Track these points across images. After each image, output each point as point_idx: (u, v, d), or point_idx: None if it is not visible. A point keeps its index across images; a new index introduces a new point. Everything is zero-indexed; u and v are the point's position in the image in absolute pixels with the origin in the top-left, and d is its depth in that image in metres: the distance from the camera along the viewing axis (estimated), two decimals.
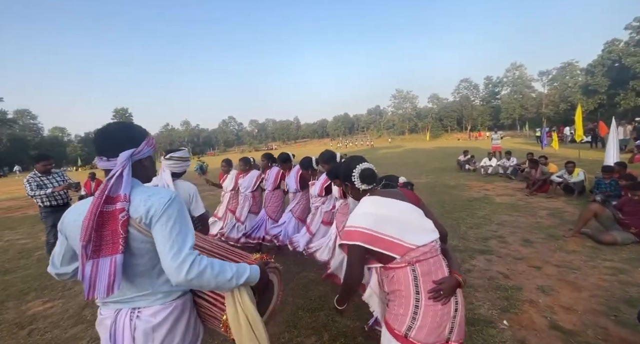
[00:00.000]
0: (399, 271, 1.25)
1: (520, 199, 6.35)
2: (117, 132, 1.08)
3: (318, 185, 3.43)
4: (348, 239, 1.29)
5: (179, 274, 0.95)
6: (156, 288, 1.07)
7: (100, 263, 0.96)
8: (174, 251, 0.97)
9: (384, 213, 1.30)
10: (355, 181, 1.45)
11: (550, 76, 54.05)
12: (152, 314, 1.06)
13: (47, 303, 3.11)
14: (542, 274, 3.06)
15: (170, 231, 0.99)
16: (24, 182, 3.56)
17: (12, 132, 55.17)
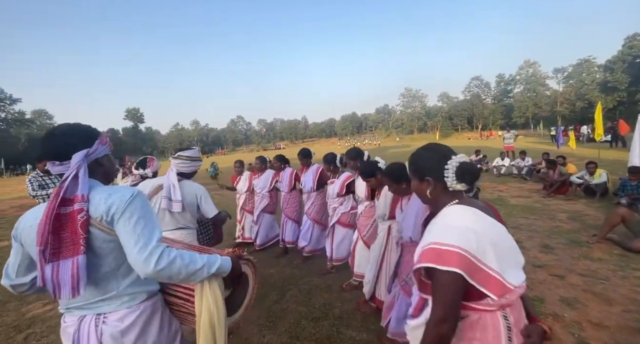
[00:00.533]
0: (488, 316, 0.92)
1: (537, 201, 6.05)
2: (68, 134, 1.04)
3: (338, 183, 3.23)
4: (441, 263, 0.88)
5: (147, 266, 0.95)
6: (121, 290, 1.05)
7: (60, 265, 0.94)
8: (140, 245, 0.97)
9: (484, 233, 0.92)
10: (448, 176, 1.01)
11: (565, 73, 52.45)
12: (119, 319, 1.04)
13: (47, 305, 3.05)
14: (566, 284, 2.83)
15: (134, 226, 0.98)
16: (27, 182, 3.54)
17: (29, 132, 56.89)
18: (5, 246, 5.45)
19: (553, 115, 50.65)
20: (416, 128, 67.14)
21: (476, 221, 0.95)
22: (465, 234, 0.90)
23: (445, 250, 0.88)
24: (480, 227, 0.93)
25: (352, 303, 2.76)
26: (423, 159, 1.10)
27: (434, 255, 0.90)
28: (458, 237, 0.90)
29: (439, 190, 1.05)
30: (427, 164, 1.08)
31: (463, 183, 1.01)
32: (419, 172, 1.10)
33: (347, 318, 2.54)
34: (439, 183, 1.04)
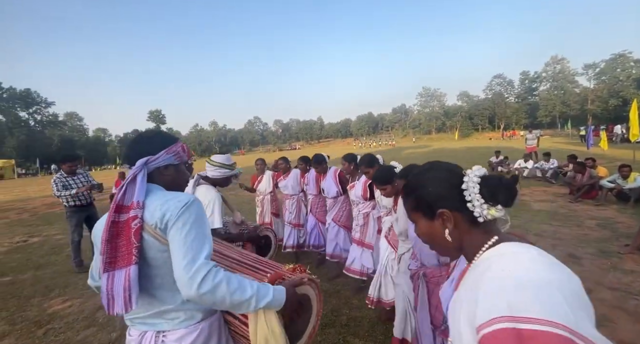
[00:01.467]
0: None
1: (562, 206, 5.70)
2: (137, 141, 1.09)
3: (360, 186, 2.95)
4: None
5: (190, 287, 0.86)
6: (178, 305, 0.98)
7: (115, 276, 0.90)
8: (187, 259, 0.88)
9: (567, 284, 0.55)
10: (473, 200, 0.67)
11: (597, 69, 49.44)
12: (177, 339, 0.98)
13: (67, 301, 3.19)
14: (593, 299, 2.56)
15: (185, 236, 0.90)
16: (51, 183, 3.73)
17: (62, 133, 60.55)
18: (36, 241, 5.78)
19: (583, 114, 47.88)
20: (434, 128, 65.53)
21: (549, 265, 0.57)
22: (550, 294, 0.51)
23: (533, 331, 0.47)
24: (559, 276, 0.55)
25: (360, 310, 2.69)
26: (426, 184, 0.73)
27: (515, 339, 0.48)
28: (542, 302, 0.50)
29: (464, 226, 0.69)
30: (435, 190, 0.72)
31: (498, 205, 0.67)
32: (425, 207, 0.73)
33: (355, 326, 2.48)
34: (461, 215, 0.69)
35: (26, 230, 6.82)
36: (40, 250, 5.16)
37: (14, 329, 2.71)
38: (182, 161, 1.14)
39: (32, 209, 9.71)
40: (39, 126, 55.94)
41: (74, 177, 3.85)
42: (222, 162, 2.06)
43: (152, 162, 1.04)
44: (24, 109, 53.46)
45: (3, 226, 7.42)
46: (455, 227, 0.70)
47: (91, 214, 4.14)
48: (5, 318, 2.91)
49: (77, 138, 64.03)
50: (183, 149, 1.13)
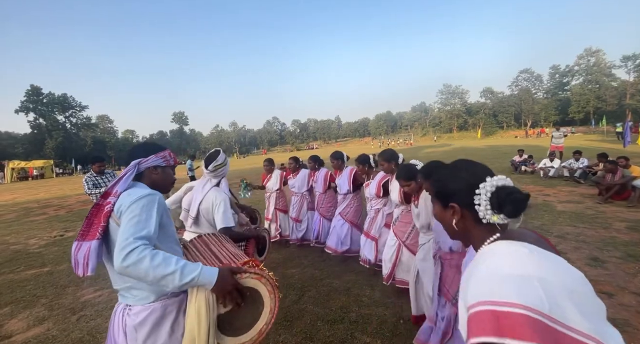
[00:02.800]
0: None
1: (589, 208, 5.40)
2: (136, 147, 1.33)
3: (374, 185, 3.16)
4: (507, 335, 0.56)
5: (117, 260, 1.00)
6: (135, 283, 1.15)
7: (82, 246, 1.12)
8: (122, 238, 1.03)
9: (557, 280, 0.63)
10: (480, 204, 0.77)
11: (638, 61, 45.76)
12: (135, 313, 1.15)
13: (98, 291, 3.46)
14: (615, 304, 2.50)
15: (127, 222, 1.07)
16: (83, 182, 4.06)
17: (94, 135, 64.47)
18: (72, 236, 6.25)
19: (621, 109, 44.55)
20: (455, 126, 63.47)
21: (537, 262, 0.66)
22: (529, 284, 0.61)
23: (507, 312, 0.58)
24: (545, 271, 0.64)
25: (369, 307, 2.73)
26: (448, 178, 0.86)
27: (492, 322, 0.59)
28: (519, 290, 0.60)
29: (469, 222, 0.81)
30: (453, 186, 0.84)
31: (502, 215, 0.75)
32: (442, 196, 0.87)
33: (363, 322, 2.52)
34: (469, 213, 0.80)
35: (63, 225, 7.39)
36: None
37: (51, 315, 2.99)
38: (169, 164, 1.37)
39: (68, 206, 10.46)
40: (74, 129, 59.79)
41: (102, 176, 4.17)
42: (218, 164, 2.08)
43: (143, 163, 1.28)
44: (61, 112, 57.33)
45: (43, 222, 8.08)
46: (461, 219, 0.82)
47: None
48: (45, 304, 3.21)
49: (108, 139, 67.92)
50: (170, 155, 1.37)
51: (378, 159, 2.96)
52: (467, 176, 0.82)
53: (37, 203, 11.76)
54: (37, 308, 3.14)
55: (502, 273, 0.65)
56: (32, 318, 2.96)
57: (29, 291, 3.57)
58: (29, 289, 3.62)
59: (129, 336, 1.15)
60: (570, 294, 0.62)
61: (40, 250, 5.33)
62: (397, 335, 2.33)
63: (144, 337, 1.14)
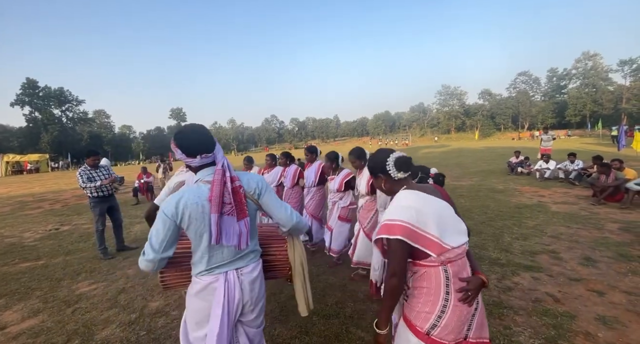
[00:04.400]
0: (431, 270, 1.21)
1: (583, 209, 5.46)
2: (208, 133, 1.34)
3: (338, 180, 3.46)
4: (389, 233, 1.19)
5: (291, 220, 1.46)
6: (251, 247, 1.41)
7: (240, 224, 1.29)
8: (284, 208, 1.46)
9: (424, 209, 1.21)
10: (390, 169, 1.33)
11: (634, 66, 46.20)
12: (250, 271, 1.40)
13: (93, 284, 3.46)
14: (605, 302, 2.55)
15: (276, 198, 1.46)
16: (77, 175, 4.02)
17: (91, 129, 63.95)
18: (67, 229, 6.23)
19: (616, 113, 44.87)
20: (453, 127, 63.73)
21: (417, 200, 1.25)
22: (408, 210, 1.21)
23: (392, 224, 1.20)
24: (421, 204, 1.23)
25: (364, 303, 2.76)
26: (373, 161, 1.44)
27: (385, 228, 1.21)
28: (401, 213, 1.21)
29: (390, 182, 1.38)
30: (376, 165, 1.40)
31: (401, 172, 1.33)
32: (373, 172, 1.44)
33: (358, 317, 2.55)
34: (388, 177, 1.36)
35: (58, 219, 7.34)
36: (70, 237, 5.56)
37: (46, 307, 2.98)
38: None
39: (64, 200, 10.39)
40: (70, 123, 59.27)
41: (96, 170, 4.13)
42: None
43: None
44: (57, 106, 56.80)
45: (38, 215, 8.02)
46: (385, 182, 1.40)
47: (113, 204, 4.43)
48: (39, 297, 3.20)
49: (105, 134, 67.38)
50: None
51: (349, 157, 3.14)
52: (379, 157, 1.39)
53: (32, 197, 11.66)
54: (31, 300, 3.13)
55: (396, 205, 1.27)
56: (26, 310, 2.95)
57: (24, 284, 3.55)
58: (24, 282, 3.61)
59: (245, 292, 1.38)
60: (433, 216, 1.21)
61: (35, 243, 5.30)
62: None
63: (258, 287, 1.44)
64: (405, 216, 1.19)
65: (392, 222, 1.19)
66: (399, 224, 1.18)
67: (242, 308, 1.39)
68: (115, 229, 4.54)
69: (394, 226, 1.18)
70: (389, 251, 1.21)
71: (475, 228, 4.68)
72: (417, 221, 1.18)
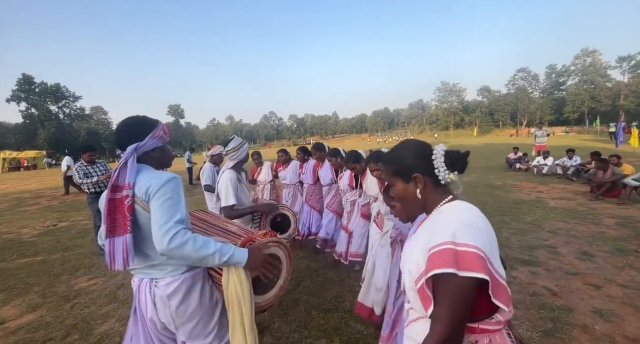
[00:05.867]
0: (497, 336, 0.78)
1: (581, 204, 5.49)
2: (124, 129, 1.24)
3: (346, 175, 3.22)
4: (464, 268, 0.71)
5: (162, 243, 1.07)
6: (165, 260, 1.19)
7: (115, 241, 1.11)
8: (161, 221, 1.09)
9: (489, 232, 0.80)
10: (439, 167, 0.88)
11: (632, 62, 46.16)
12: (165, 285, 1.21)
13: (92, 279, 3.45)
14: (602, 295, 2.57)
15: (161, 204, 1.11)
16: (73, 171, 4.00)
17: (88, 126, 63.42)
18: (65, 225, 6.20)
19: (614, 109, 45.10)
20: (452, 124, 63.72)
21: (482, 219, 0.82)
22: (478, 232, 0.76)
23: (464, 251, 0.72)
24: (483, 224, 0.80)
25: None
26: (403, 156, 0.94)
27: (451, 257, 0.72)
28: (472, 235, 0.74)
29: (430, 187, 0.90)
30: (410, 160, 0.92)
31: (455, 171, 0.89)
32: (404, 172, 0.93)
33: None
34: (429, 178, 0.90)
35: (56, 215, 7.31)
36: (68, 233, 5.54)
37: (45, 302, 2.97)
38: (165, 142, 1.31)
39: (61, 197, 10.33)
40: (67, 119, 58.71)
41: (93, 165, 4.11)
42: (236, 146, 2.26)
43: (140, 148, 1.22)
44: (54, 103, 56.19)
45: (36, 212, 7.98)
46: (424, 187, 0.91)
47: None
48: (37, 292, 3.20)
49: (102, 131, 66.91)
50: (164, 131, 1.29)
51: (347, 164, 2.95)
52: (418, 150, 0.93)
53: (29, 193, 11.60)
54: (30, 296, 3.13)
55: (462, 221, 0.79)
56: (25, 305, 2.94)
57: (22, 279, 3.54)
58: (22, 277, 3.60)
59: (158, 306, 1.21)
60: (495, 246, 0.80)
61: (34, 239, 5.28)
62: None
63: (177, 304, 1.21)
64: (479, 240, 0.75)
65: (463, 249, 0.73)
66: (474, 252, 0.72)
67: (164, 325, 1.24)
68: None
69: (467, 254, 0.72)
70: (449, 298, 0.73)
71: None
72: (489, 251, 0.75)
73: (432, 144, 0.95)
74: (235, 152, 2.23)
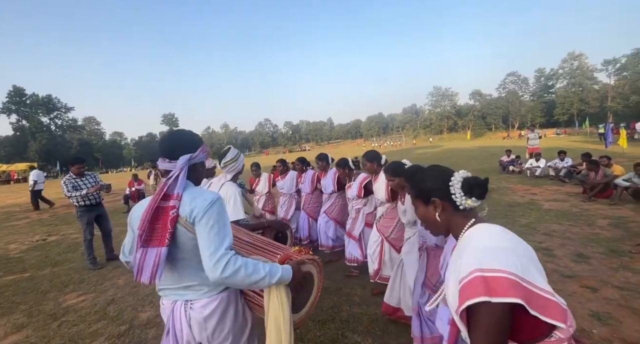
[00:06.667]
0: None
1: (574, 205, 5.53)
2: (181, 138, 1.22)
3: (356, 185, 3.24)
4: (496, 294, 0.71)
5: (214, 272, 1.04)
6: (202, 281, 1.15)
7: (148, 252, 1.06)
8: (211, 250, 1.06)
9: (522, 251, 0.81)
10: (455, 192, 0.92)
11: (618, 65, 47.40)
12: (202, 306, 1.17)
13: (81, 296, 3.35)
14: (599, 298, 2.56)
15: (209, 231, 1.07)
16: (61, 184, 3.89)
17: (81, 137, 62.85)
18: (55, 240, 6.06)
19: (602, 111, 46.06)
20: (446, 128, 64.47)
21: (508, 238, 0.83)
22: (507, 253, 0.77)
23: (493, 277, 0.72)
24: (514, 244, 0.81)
25: (360, 306, 2.72)
26: (424, 179, 1.02)
27: (482, 284, 0.72)
28: (500, 258, 0.75)
29: (449, 211, 0.95)
30: (430, 184, 0.99)
31: (473, 198, 0.91)
32: (423, 195, 1.00)
33: (354, 322, 2.51)
34: (447, 203, 0.95)
35: (46, 229, 7.15)
36: (58, 248, 5.41)
37: (31, 322, 2.87)
38: (207, 158, 1.33)
39: (52, 210, 10.13)
40: (60, 131, 58.19)
41: (82, 178, 4.01)
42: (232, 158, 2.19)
43: (193, 159, 1.19)
44: (45, 114, 55.74)
45: (25, 226, 7.80)
46: (442, 211, 0.96)
47: (101, 213, 4.32)
48: (23, 311, 3.08)
49: (95, 142, 66.35)
50: (205, 149, 1.30)
51: (362, 159, 3.03)
52: (438, 175, 1.00)
53: (19, 207, 11.36)
54: (15, 315, 3.01)
55: (486, 246, 0.80)
56: (10, 325, 2.83)
57: (8, 298, 3.42)
58: (8, 296, 3.48)
59: (194, 329, 1.18)
60: (531, 260, 0.80)
61: (21, 255, 5.14)
62: (388, 333, 2.33)
63: (214, 326, 1.19)
64: (509, 262, 0.75)
65: (491, 275, 0.73)
66: (504, 276, 0.72)
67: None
68: (104, 238, 4.42)
69: (498, 280, 0.72)
70: (481, 325, 0.73)
71: None
72: (523, 270, 0.75)
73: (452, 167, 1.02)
74: (233, 163, 2.18)
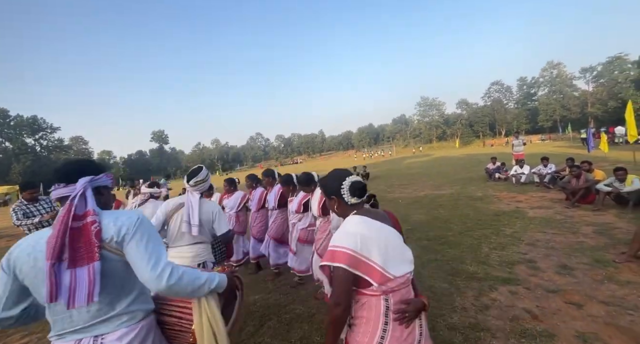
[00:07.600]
0: (372, 299, 1.19)
1: (558, 212, 5.44)
2: (79, 162, 1.19)
3: (296, 201, 3.37)
4: (331, 260, 1.17)
5: (160, 282, 1.04)
6: (122, 309, 1.07)
7: (77, 272, 0.97)
8: (152, 262, 1.05)
9: (371, 236, 1.20)
10: (344, 194, 1.31)
11: (594, 72, 49.48)
12: (117, 339, 1.05)
13: (26, 337, 3.02)
14: (584, 315, 2.39)
15: (145, 245, 1.07)
16: (10, 212, 3.53)
17: (67, 157, 61.52)
18: None
19: (584, 117, 47.61)
20: (435, 137, 65.48)
21: (364, 226, 1.23)
22: (353, 236, 1.18)
23: (336, 250, 1.18)
24: (367, 231, 1.21)
25: None
26: (327, 183, 1.39)
27: (330, 255, 1.18)
28: (346, 239, 1.18)
29: (343, 205, 1.34)
30: (330, 187, 1.36)
31: (355, 197, 1.31)
32: (327, 193, 1.39)
33: None
34: (341, 200, 1.33)
35: None
36: None
37: None
38: (112, 186, 1.28)
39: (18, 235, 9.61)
40: (45, 151, 57.01)
41: (35, 204, 3.67)
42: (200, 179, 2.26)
43: (95, 181, 1.15)
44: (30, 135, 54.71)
45: None
46: (338, 205, 1.36)
47: None
48: None
49: None
50: (110, 175, 1.28)
51: (298, 185, 3.29)
52: (335, 179, 1.35)
53: None
54: None
55: (344, 230, 1.23)
56: None
57: None
58: None
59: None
60: (378, 244, 1.19)
61: None
62: None
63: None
64: (350, 242, 1.17)
65: (336, 249, 1.17)
66: (342, 251, 1.16)
67: None
68: None
69: (337, 252, 1.16)
70: (334, 279, 1.17)
71: (454, 239, 4.53)
72: (361, 248, 1.16)
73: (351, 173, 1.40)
74: (203, 183, 2.25)
